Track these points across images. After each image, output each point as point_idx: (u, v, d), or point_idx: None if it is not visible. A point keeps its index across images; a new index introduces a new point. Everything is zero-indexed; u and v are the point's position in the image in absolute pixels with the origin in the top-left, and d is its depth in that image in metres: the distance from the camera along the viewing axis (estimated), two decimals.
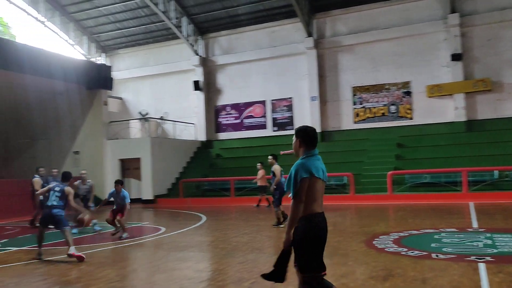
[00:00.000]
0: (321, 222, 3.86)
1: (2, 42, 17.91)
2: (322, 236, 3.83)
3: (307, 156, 3.93)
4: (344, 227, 10.71)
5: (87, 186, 12.03)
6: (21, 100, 20.89)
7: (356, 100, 21.43)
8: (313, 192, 3.80)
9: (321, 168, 3.94)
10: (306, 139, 3.99)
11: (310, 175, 3.77)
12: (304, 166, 3.82)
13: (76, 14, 24.68)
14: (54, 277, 6.62)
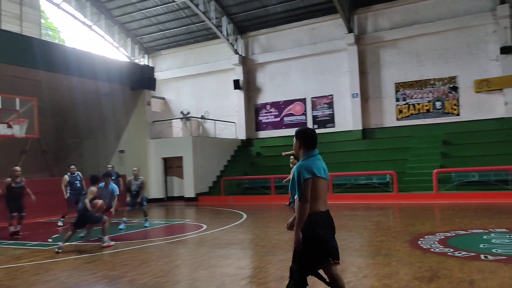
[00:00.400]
0: (324, 220, 3.97)
1: (52, 46, 18.73)
2: (324, 234, 3.92)
3: (308, 156, 4.06)
4: (387, 227, 10.49)
5: (139, 182, 12.40)
6: (68, 101, 21.76)
7: (399, 97, 20.91)
8: (316, 191, 3.92)
9: (322, 167, 4.06)
10: (305, 140, 4.11)
11: (312, 175, 3.89)
12: (306, 167, 3.94)
13: (120, 17, 25.46)
14: (102, 271, 6.87)
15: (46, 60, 16.77)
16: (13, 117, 14.23)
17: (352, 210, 13.98)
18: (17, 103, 14.41)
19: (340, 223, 11.38)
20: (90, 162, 22.91)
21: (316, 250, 3.88)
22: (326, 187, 4.06)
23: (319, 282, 4.15)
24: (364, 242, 8.73)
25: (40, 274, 6.87)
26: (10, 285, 6.20)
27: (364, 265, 6.60)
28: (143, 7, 24.16)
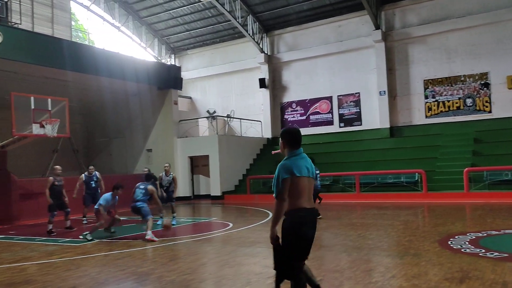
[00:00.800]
0: (306, 217, 4.03)
1: (82, 47, 19.17)
2: (305, 230, 3.99)
3: (290, 156, 4.14)
4: (416, 226, 10.30)
5: (170, 177, 12.76)
6: (98, 101, 22.24)
7: (428, 94, 20.48)
8: (297, 189, 4.00)
9: (305, 166, 4.10)
10: (289, 140, 4.20)
11: (291, 175, 3.98)
12: (285, 167, 4.04)
13: (147, 18, 25.85)
14: (132, 268, 7.00)
15: (76, 61, 17.18)
16: (45, 117, 14.64)
17: (379, 209, 13.80)
18: (49, 104, 14.81)
19: (367, 222, 11.25)
20: (119, 161, 23.40)
21: (297, 246, 3.98)
22: (310, 185, 4.11)
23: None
24: (392, 241, 8.60)
25: (72, 270, 7.05)
26: (43, 281, 6.39)
27: (392, 265, 6.50)
28: (170, 7, 24.47)
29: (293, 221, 4.00)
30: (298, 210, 4.01)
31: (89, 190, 13.24)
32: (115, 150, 23.98)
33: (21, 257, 8.31)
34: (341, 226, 10.68)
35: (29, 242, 10.32)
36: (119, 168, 23.23)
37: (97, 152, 24.79)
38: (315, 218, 4.16)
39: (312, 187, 4.19)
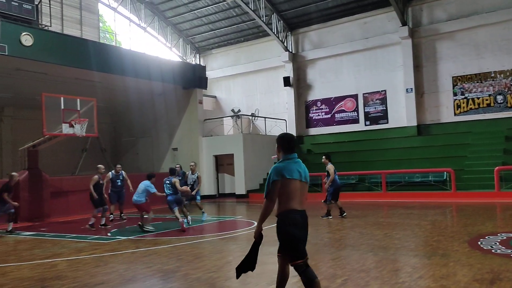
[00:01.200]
0: (296, 218, 4.19)
1: (109, 48, 19.54)
2: (294, 230, 4.17)
3: (284, 160, 4.36)
4: (444, 226, 10.09)
5: (195, 176, 13.07)
6: (124, 101, 22.62)
7: (457, 91, 20.02)
8: (288, 191, 4.20)
9: (297, 170, 4.28)
10: (283, 145, 4.42)
11: (281, 178, 4.18)
12: (277, 170, 4.24)
13: (173, 19, 26.14)
14: (158, 265, 7.10)
15: (104, 62, 17.54)
16: (75, 117, 14.96)
17: (406, 209, 13.58)
18: (78, 104, 15.13)
19: (394, 221, 11.09)
20: (145, 160, 23.75)
21: (288, 246, 4.20)
22: (302, 188, 4.28)
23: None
24: (419, 241, 8.46)
25: (100, 266, 7.20)
26: (73, 276, 6.55)
27: (419, 266, 6.39)
28: (194, 7, 24.67)
29: (284, 222, 4.21)
30: (289, 211, 4.20)
31: (115, 188, 13.65)
32: (141, 149, 24.36)
33: (52, 254, 8.55)
34: (367, 225, 10.55)
35: (60, 239, 10.60)
36: (145, 167, 23.56)
37: (124, 151, 25.25)
38: (306, 219, 4.29)
39: (305, 190, 4.36)
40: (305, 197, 4.34)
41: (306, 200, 4.38)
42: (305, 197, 4.34)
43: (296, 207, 4.22)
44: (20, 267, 7.43)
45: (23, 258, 8.27)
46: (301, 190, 4.29)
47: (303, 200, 4.30)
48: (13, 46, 14.57)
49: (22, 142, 16.79)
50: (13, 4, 16.73)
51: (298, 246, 4.20)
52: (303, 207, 4.29)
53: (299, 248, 4.20)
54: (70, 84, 18.01)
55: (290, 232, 4.19)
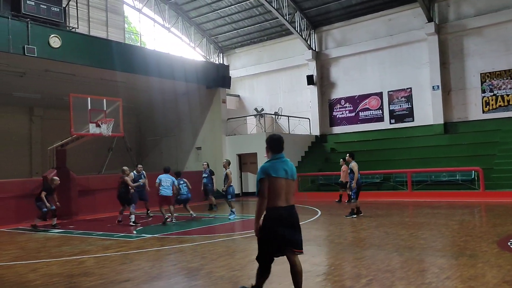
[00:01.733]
0: (282, 215, 4.56)
1: (134, 49, 19.83)
2: (278, 229, 4.53)
3: (271, 159, 4.72)
4: (472, 226, 9.87)
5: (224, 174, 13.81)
6: (149, 101, 22.93)
7: (485, 88, 19.52)
8: (274, 189, 4.55)
9: (283, 169, 4.63)
10: (271, 146, 4.79)
11: (267, 176, 4.55)
12: (263, 169, 4.61)
13: (196, 19, 26.35)
14: (182, 263, 7.18)
15: (129, 62, 17.84)
16: (101, 117, 15.23)
17: (433, 208, 13.34)
18: (104, 104, 15.40)
19: (420, 221, 10.91)
20: (169, 159, 24.01)
21: (269, 242, 4.57)
22: (288, 185, 4.63)
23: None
24: (446, 241, 8.29)
25: (126, 263, 7.33)
26: (100, 273, 6.68)
27: (446, 266, 6.27)
28: (218, 7, 24.80)
29: (269, 218, 4.57)
30: (274, 208, 4.55)
31: (136, 187, 13.75)
32: (165, 148, 24.64)
33: (79, 251, 8.74)
34: (392, 225, 10.41)
35: (87, 236, 10.83)
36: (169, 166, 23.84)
37: (148, 151, 25.61)
38: (292, 216, 4.63)
39: (291, 188, 4.70)
40: (291, 193, 4.68)
41: (293, 196, 4.73)
42: (291, 193, 4.68)
43: (281, 204, 4.57)
44: (50, 263, 7.63)
45: (52, 254, 8.48)
46: (287, 188, 4.63)
47: (289, 197, 4.64)
48: (42, 48, 14.97)
49: (51, 142, 17.22)
50: (41, 7, 17.15)
51: (272, 242, 4.59)
52: (290, 203, 4.63)
53: (273, 245, 4.59)
54: (96, 84, 18.37)
55: (273, 228, 4.55)
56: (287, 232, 4.56)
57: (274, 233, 4.54)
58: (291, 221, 4.62)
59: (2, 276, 6.82)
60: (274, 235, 4.55)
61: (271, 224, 4.56)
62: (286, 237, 4.56)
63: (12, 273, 6.97)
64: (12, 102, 20.34)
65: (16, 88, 18.20)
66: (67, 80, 17.46)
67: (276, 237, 4.55)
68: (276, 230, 4.54)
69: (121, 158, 21.54)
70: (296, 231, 4.64)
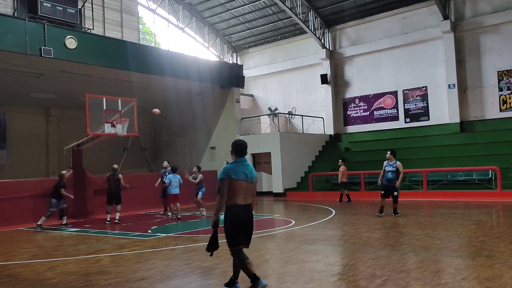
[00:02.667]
0: (240, 212, 5.11)
1: (148, 50, 19.97)
2: (238, 221, 5.10)
3: (233, 162, 5.26)
4: (489, 226, 9.72)
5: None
6: (163, 101, 23.03)
7: (502, 86, 19.22)
8: (233, 189, 5.09)
9: (243, 171, 5.16)
10: (234, 150, 5.32)
11: (227, 177, 5.08)
12: (225, 170, 5.14)
13: (210, 18, 26.44)
14: (197, 262, 7.21)
15: (144, 63, 17.97)
16: (116, 117, 15.38)
17: (449, 208, 13.17)
18: (119, 104, 15.54)
19: (436, 221, 10.78)
20: (184, 158, 24.14)
21: (230, 233, 5.13)
22: (246, 187, 5.15)
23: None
24: (463, 242, 8.19)
25: (141, 262, 7.39)
26: (116, 272, 6.75)
27: (463, 267, 6.19)
28: (231, 7, 24.85)
29: (229, 214, 5.13)
30: (234, 206, 5.10)
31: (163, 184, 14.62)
32: (180, 148, 24.78)
33: (95, 249, 8.84)
34: (407, 225, 10.31)
35: (103, 235, 10.95)
36: (184, 166, 23.95)
37: (163, 151, 25.77)
38: (248, 212, 5.17)
39: (250, 189, 5.20)
40: (251, 194, 5.21)
41: (253, 196, 5.29)
42: (251, 194, 5.21)
43: (239, 202, 5.11)
44: (66, 261, 7.73)
45: (69, 253, 8.60)
46: (246, 188, 5.16)
47: (248, 196, 5.18)
48: (58, 49, 15.17)
49: (67, 142, 17.45)
50: (57, 9, 17.40)
51: (236, 235, 5.11)
52: (248, 202, 5.17)
53: (237, 237, 5.11)
54: (111, 85, 18.55)
55: (231, 222, 5.11)
56: (244, 228, 5.16)
57: (234, 226, 5.11)
58: (247, 218, 5.18)
59: (20, 274, 6.93)
60: (233, 229, 5.11)
61: (231, 219, 5.11)
62: (242, 233, 5.15)
63: (30, 271, 7.08)
64: (29, 103, 20.67)
65: (33, 88, 18.48)
66: (83, 80, 17.66)
67: (235, 231, 5.12)
68: (235, 224, 5.10)
69: (136, 158, 21.75)
70: (250, 229, 5.25)
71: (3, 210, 13.30)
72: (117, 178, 13.63)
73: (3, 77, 16.40)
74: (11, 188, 13.74)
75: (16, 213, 13.53)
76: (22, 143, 20.70)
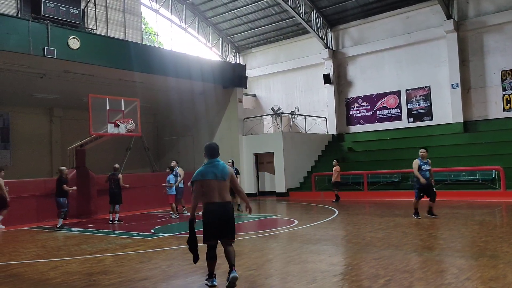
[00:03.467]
0: (215, 209, 5.54)
1: (151, 50, 19.99)
2: (211, 217, 5.55)
3: (205, 164, 5.71)
4: (493, 226, 9.69)
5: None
6: (166, 101, 23.08)
7: (506, 85, 19.15)
8: (206, 188, 5.55)
9: (213, 172, 5.58)
10: (206, 152, 5.78)
11: (199, 177, 5.59)
12: (197, 172, 5.66)
13: (213, 19, 26.45)
14: (199, 262, 7.19)
15: (147, 63, 17.98)
16: (119, 117, 15.41)
17: (452, 208, 13.14)
18: (122, 104, 15.57)
19: (439, 221, 10.75)
20: (186, 158, 24.15)
21: (205, 229, 5.59)
22: (219, 185, 5.55)
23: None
24: (466, 242, 8.16)
25: (144, 262, 7.40)
26: (119, 272, 6.76)
27: (466, 267, 6.17)
28: (234, 7, 24.85)
29: (205, 211, 5.59)
30: (208, 204, 5.55)
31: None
32: (182, 148, 24.79)
33: (99, 249, 8.86)
34: (411, 225, 10.29)
35: (106, 235, 10.97)
36: (187, 165, 23.98)
37: (166, 150, 25.80)
38: (223, 209, 5.54)
39: (223, 186, 5.56)
40: (224, 191, 5.56)
41: (237, 192, 5.82)
42: (224, 191, 5.56)
43: (213, 200, 5.53)
44: (69, 261, 7.75)
45: (72, 253, 8.62)
46: (218, 187, 5.54)
47: (224, 194, 5.56)
48: (61, 50, 15.19)
49: (70, 142, 17.49)
50: (61, 9, 17.44)
51: (207, 230, 5.55)
52: (222, 200, 5.54)
53: (207, 232, 5.55)
54: (114, 85, 18.58)
55: (205, 219, 5.59)
56: (221, 224, 5.52)
57: (208, 222, 5.54)
58: (222, 214, 5.54)
59: (24, 273, 6.96)
60: (208, 224, 5.54)
61: (206, 215, 5.56)
62: (219, 228, 5.52)
63: (33, 271, 7.10)
64: (32, 103, 20.72)
65: (36, 89, 18.53)
66: (86, 81, 17.70)
67: (206, 227, 5.55)
68: (207, 222, 5.54)
69: (139, 158, 21.78)
70: (224, 223, 5.54)
71: None
72: (117, 178, 13.65)
73: (6, 77, 16.45)
74: (14, 188, 13.77)
75: (19, 213, 13.57)
76: (25, 143, 20.76)
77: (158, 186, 15.17)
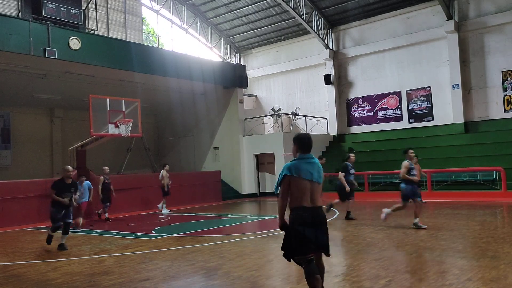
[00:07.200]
0: (306, 216, 4.35)
1: (152, 50, 20.00)
2: (302, 230, 4.31)
3: (298, 158, 4.55)
4: (494, 227, 9.68)
5: None
6: (167, 101, 23.11)
7: (507, 86, 19.13)
8: (298, 189, 4.40)
9: (309, 171, 4.46)
10: (300, 145, 4.62)
11: (291, 174, 4.41)
12: (289, 166, 4.48)
13: (213, 19, 26.46)
14: (200, 263, 7.21)
15: (147, 63, 18.01)
16: (120, 117, 15.43)
17: (453, 209, 13.12)
18: (123, 105, 15.59)
19: (440, 222, 10.74)
20: (187, 159, 24.18)
21: (295, 240, 4.35)
22: (313, 187, 4.45)
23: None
24: (467, 243, 8.15)
25: (145, 263, 7.39)
26: (120, 272, 6.76)
27: (467, 268, 6.16)
28: (234, 7, 24.86)
29: (293, 217, 4.41)
30: (298, 208, 4.40)
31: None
32: (183, 148, 24.81)
33: (99, 250, 8.86)
34: (411, 225, 10.27)
35: (107, 235, 10.97)
36: (187, 166, 24.00)
37: (167, 151, 25.81)
38: (317, 215, 4.45)
39: (317, 190, 4.50)
40: (317, 195, 4.49)
41: (319, 197, 4.55)
42: (317, 195, 4.49)
43: (305, 205, 4.40)
44: (70, 262, 7.75)
45: (73, 253, 8.62)
46: (311, 189, 4.46)
47: (315, 197, 4.47)
48: (62, 50, 15.22)
49: (71, 142, 17.49)
50: (61, 10, 17.46)
51: (301, 241, 4.33)
52: (315, 204, 4.45)
53: (303, 244, 4.33)
54: (115, 86, 18.60)
55: (298, 227, 4.35)
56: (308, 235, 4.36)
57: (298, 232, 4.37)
58: (315, 223, 4.42)
59: (24, 274, 6.95)
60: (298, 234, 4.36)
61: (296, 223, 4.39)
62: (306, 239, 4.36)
63: (34, 271, 7.10)
64: (33, 104, 20.74)
65: (37, 89, 18.54)
66: (87, 81, 17.72)
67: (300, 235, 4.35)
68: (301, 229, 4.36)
69: (139, 158, 21.79)
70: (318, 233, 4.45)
71: (7, 211, 13.34)
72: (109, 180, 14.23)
73: (7, 78, 16.47)
74: (15, 188, 13.79)
75: (20, 214, 13.58)
76: (26, 143, 20.77)
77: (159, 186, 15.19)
